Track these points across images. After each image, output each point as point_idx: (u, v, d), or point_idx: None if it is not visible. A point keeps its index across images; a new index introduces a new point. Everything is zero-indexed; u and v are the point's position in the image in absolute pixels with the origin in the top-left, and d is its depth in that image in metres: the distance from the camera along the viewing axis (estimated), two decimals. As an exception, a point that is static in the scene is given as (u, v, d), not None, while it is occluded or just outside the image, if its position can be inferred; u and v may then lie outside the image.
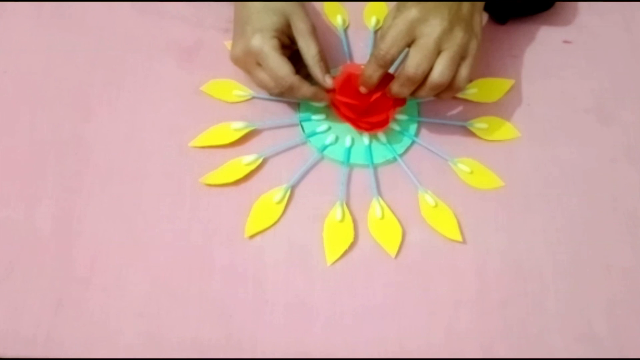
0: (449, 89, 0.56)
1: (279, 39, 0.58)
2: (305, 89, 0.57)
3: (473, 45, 0.55)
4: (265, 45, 0.56)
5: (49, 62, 0.64)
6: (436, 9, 0.53)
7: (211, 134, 0.60)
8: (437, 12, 0.53)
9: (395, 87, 0.56)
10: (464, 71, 0.55)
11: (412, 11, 0.53)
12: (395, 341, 0.53)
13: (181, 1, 0.69)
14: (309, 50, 0.58)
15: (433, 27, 0.53)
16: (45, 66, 0.64)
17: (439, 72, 0.54)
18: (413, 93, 0.56)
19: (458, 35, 0.54)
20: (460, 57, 0.55)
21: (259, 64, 0.58)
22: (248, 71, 0.60)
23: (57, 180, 0.58)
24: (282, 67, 0.57)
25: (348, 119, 0.59)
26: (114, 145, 0.60)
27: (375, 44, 0.57)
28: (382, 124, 0.59)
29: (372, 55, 0.56)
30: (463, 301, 0.55)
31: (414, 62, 0.54)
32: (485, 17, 0.68)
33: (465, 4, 0.55)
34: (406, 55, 0.55)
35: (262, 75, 0.58)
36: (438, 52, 0.54)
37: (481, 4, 0.58)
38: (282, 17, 0.58)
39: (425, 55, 0.53)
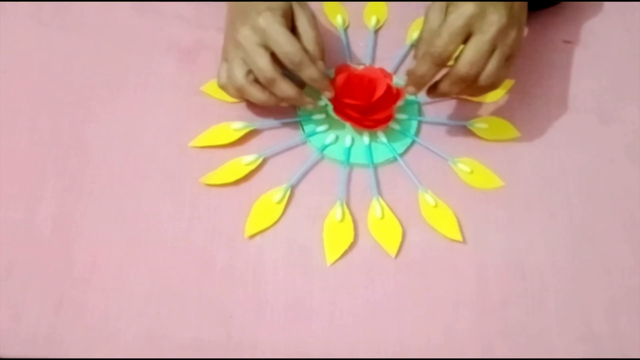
0: (488, 87, 0.55)
1: (286, 20, 0.55)
2: (312, 70, 0.55)
3: (519, 45, 0.54)
4: (275, 22, 0.54)
5: (49, 62, 0.64)
6: (493, 5, 0.52)
7: (211, 134, 0.60)
8: (494, 8, 0.52)
9: (445, 86, 0.55)
10: (505, 72, 0.54)
11: (469, 7, 0.52)
12: (395, 341, 0.53)
13: (181, 1, 0.69)
14: (310, 39, 0.56)
15: (491, 24, 0.52)
16: (45, 66, 0.64)
17: (489, 73, 0.53)
18: (457, 93, 0.56)
19: (512, 34, 0.53)
20: (509, 57, 0.54)
21: (262, 46, 0.54)
22: (248, 56, 0.55)
23: (57, 180, 0.58)
24: (292, 42, 0.54)
25: (352, 119, 0.59)
26: (114, 145, 0.60)
27: (425, 45, 0.54)
28: (386, 120, 0.60)
29: (427, 53, 0.54)
30: (463, 301, 0.55)
31: (468, 60, 0.52)
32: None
33: (517, 3, 0.54)
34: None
35: (263, 60, 0.54)
36: (493, 50, 0.52)
37: (526, 4, 0.56)
38: (288, 4, 0.56)
39: (481, 53, 0.52)
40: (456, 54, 0.54)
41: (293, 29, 0.57)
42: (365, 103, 0.59)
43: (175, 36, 0.66)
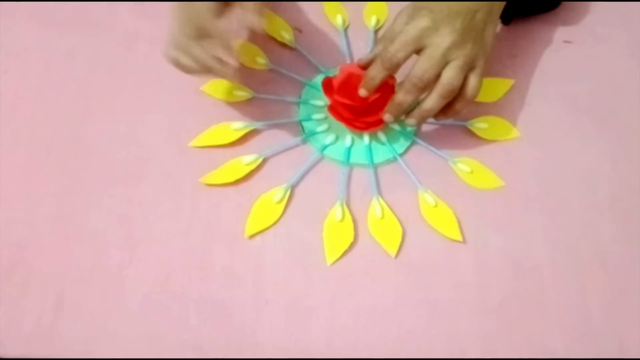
0: (460, 99, 0.56)
1: None
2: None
3: (481, 58, 0.55)
4: None
5: (49, 62, 0.64)
6: (448, 20, 0.53)
7: (211, 134, 0.60)
8: (448, 23, 0.53)
9: (400, 95, 0.56)
10: (473, 79, 0.55)
11: (424, 20, 0.54)
12: (395, 341, 0.53)
13: (181, 1, 0.68)
14: None
15: (442, 38, 0.53)
16: (45, 66, 0.64)
17: (447, 77, 0.54)
18: (423, 105, 0.56)
19: (467, 47, 0.54)
20: (469, 67, 0.55)
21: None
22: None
23: (57, 180, 0.58)
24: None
25: (344, 119, 0.59)
26: (114, 145, 0.60)
27: (382, 46, 0.56)
28: (377, 123, 0.60)
29: (378, 56, 0.56)
30: (463, 301, 0.55)
31: (420, 69, 0.54)
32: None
33: (480, 13, 0.55)
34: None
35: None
36: (446, 63, 0.54)
37: (497, 13, 0.58)
38: None
39: (432, 63, 0.53)
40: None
41: None
42: (359, 104, 0.59)
43: (175, 36, 0.66)
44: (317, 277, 0.55)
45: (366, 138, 0.61)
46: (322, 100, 0.63)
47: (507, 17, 0.68)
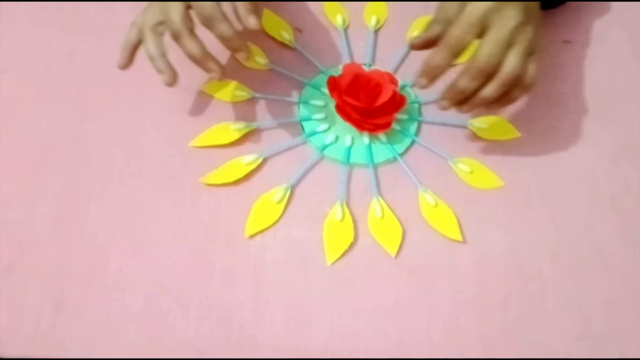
0: (519, 87, 0.54)
1: None
2: (224, 26, 0.53)
3: (539, 42, 0.54)
4: None
5: (49, 62, 0.64)
6: (511, 1, 0.52)
7: (211, 134, 0.60)
8: (511, 4, 0.52)
9: (464, 81, 0.53)
10: (532, 67, 0.53)
11: (487, 1, 0.51)
12: (395, 341, 0.53)
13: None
14: None
15: (508, 19, 0.51)
16: (45, 66, 0.64)
17: (512, 64, 0.52)
18: (481, 92, 0.53)
19: (529, 30, 0.52)
20: (530, 52, 0.53)
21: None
22: (164, 5, 0.54)
23: (57, 180, 0.58)
24: None
25: (352, 119, 0.59)
26: (114, 145, 0.60)
27: (440, 30, 0.53)
28: (385, 126, 0.60)
29: (441, 42, 0.53)
30: (463, 301, 0.55)
31: (486, 53, 0.52)
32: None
33: (535, 3, 0.54)
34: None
35: (175, 10, 0.53)
36: (509, 46, 0.52)
37: (539, 4, 0.56)
38: None
39: (498, 46, 0.51)
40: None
41: None
42: (368, 106, 0.59)
43: (175, 36, 0.66)
44: (317, 277, 0.55)
45: (366, 138, 0.61)
46: (322, 100, 0.63)
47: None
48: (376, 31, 0.69)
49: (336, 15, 0.69)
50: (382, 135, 0.62)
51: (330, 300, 0.54)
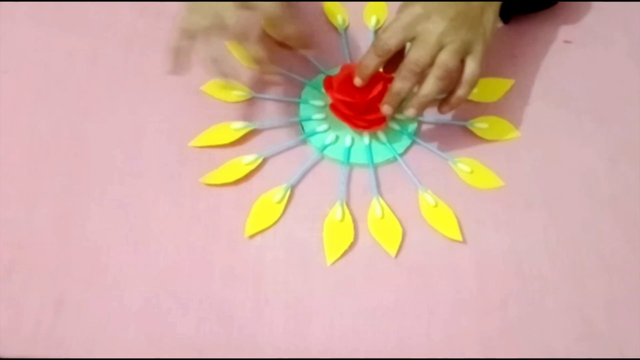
0: (460, 85, 0.55)
1: None
2: (292, 27, 0.56)
3: (479, 43, 0.55)
4: None
5: (49, 62, 0.64)
6: (440, 7, 0.54)
7: (211, 134, 0.60)
8: (440, 10, 0.54)
9: (398, 83, 0.55)
10: (471, 63, 0.55)
11: (417, 7, 0.54)
12: (395, 341, 0.53)
13: (181, 1, 0.69)
14: None
15: (435, 24, 0.53)
16: (45, 66, 0.64)
17: (442, 58, 0.53)
18: (420, 91, 0.55)
19: (462, 32, 0.54)
20: (465, 51, 0.54)
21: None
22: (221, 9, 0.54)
23: (57, 180, 0.58)
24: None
25: (345, 116, 0.59)
26: (114, 145, 0.60)
27: (376, 36, 0.56)
28: (379, 122, 0.60)
29: (372, 45, 0.56)
30: (463, 301, 0.55)
31: (415, 54, 0.54)
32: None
33: (475, 4, 0.55)
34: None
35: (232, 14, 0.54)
36: (440, 48, 0.54)
37: (497, 4, 0.57)
38: None
39: (427, 49, 0.53)
40: None
41: None
42: (359, 101, 0.59)
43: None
44: (317, 277, 0.55)
45: (366, 138, 0.61)
46: (322, 100, 0.63)
47: (506, 16, 0.68)
48: (376, 31, 0.69)
49: (336, 15, 0.69)
50: (382, 135, 0.62)
51: (330, 300, 0.54)
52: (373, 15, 0.69)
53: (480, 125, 0.63)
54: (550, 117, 0.64)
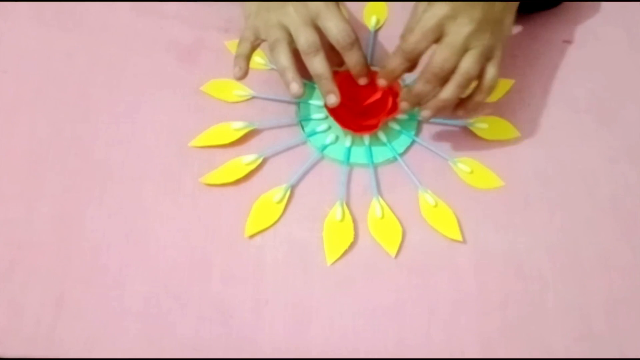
0: (479, 90, 0.55)
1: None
2: (360, 53, 0.56)
3: (498, 48, 0.55)
4: (331, 4, 0.55)
5: (49, 62, 0.64)
6: (467, 8, 0.53)
7: (211, 134, 0.60)
8: (467, 12, 0.53)
9: (420, 85, 0.55)
10: (491, 70, 0.55)
11: (443, 8, 0.53)
12: (395, 341, 0.53)
13: (181, 1, 0.69)
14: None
15: (462, 26, 0.53)
16: (45, 66, 0.64)
17: (465, 66, 0.53)
18: (440, 95, 0.55)
19: (485, 36, 0.54)
20: (486, 57, 0.54)
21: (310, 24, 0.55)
22: (296, 28, 0.55)
23: (57, 180, 0.58)
24: (346, 22, 0.55)
25: (338, 117, 0.59)
26: (114, 145, 0.60)
27: (402, 38, 0.56)
28: (370, 128, 0.59)
29: (399, 48, 0.55)
30: (463, 301, 0.55)
31: (440, 58, 0.53)
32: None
33: (498, 4, 0.55)
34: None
35: (309, 32, 0.54)
36: (465, 51, 0.53)
37: (515, 5, 0.57)
38: None
39: (452, 52, 0.53)
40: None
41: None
42: (356, 106, 0.59)
43: (175, 36, 0.66)
44: (317, 277, 0.55)
45: (366, 138, 0.61)
46: (322, 100, 0.63)
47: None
48: (376, 31, 0.69)
49: (336, 15, 0.69)
50: (382, 135, 0.62)
51: (330, 300, 0.54)
52: (373, 15, 0.69)
53: (480, 125, 0.63)
54: (550, 117, 0.64)
